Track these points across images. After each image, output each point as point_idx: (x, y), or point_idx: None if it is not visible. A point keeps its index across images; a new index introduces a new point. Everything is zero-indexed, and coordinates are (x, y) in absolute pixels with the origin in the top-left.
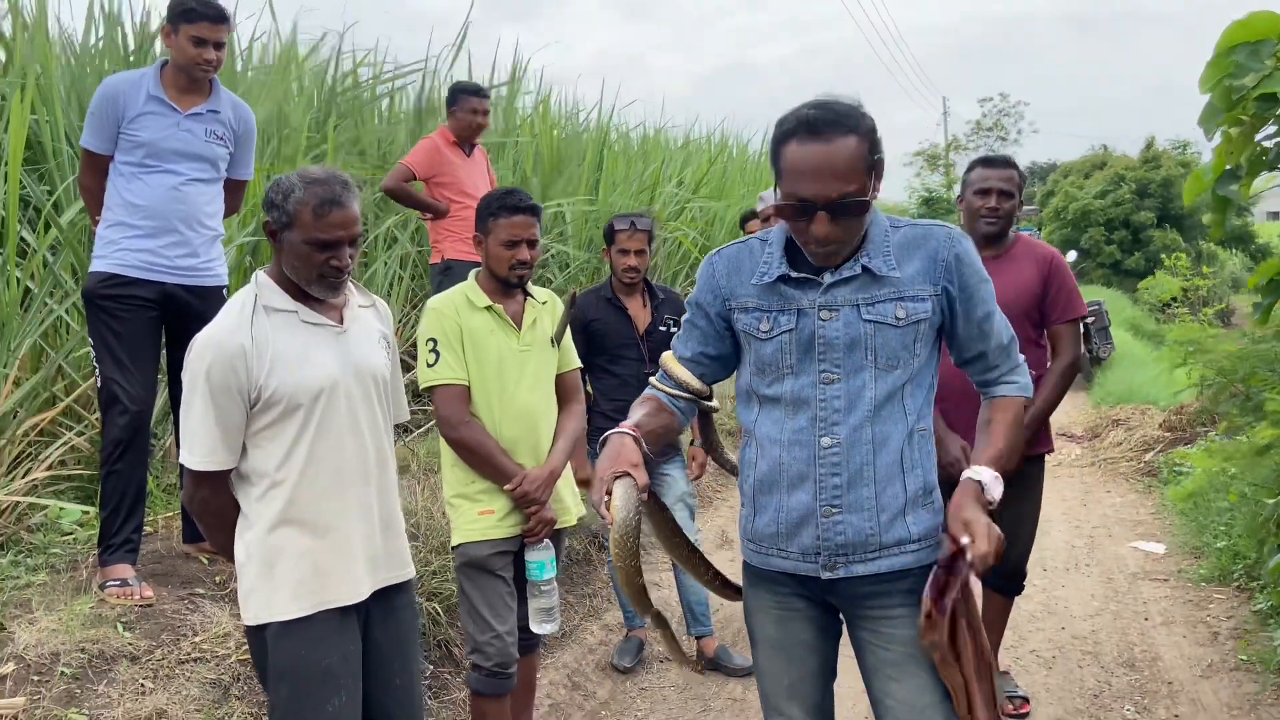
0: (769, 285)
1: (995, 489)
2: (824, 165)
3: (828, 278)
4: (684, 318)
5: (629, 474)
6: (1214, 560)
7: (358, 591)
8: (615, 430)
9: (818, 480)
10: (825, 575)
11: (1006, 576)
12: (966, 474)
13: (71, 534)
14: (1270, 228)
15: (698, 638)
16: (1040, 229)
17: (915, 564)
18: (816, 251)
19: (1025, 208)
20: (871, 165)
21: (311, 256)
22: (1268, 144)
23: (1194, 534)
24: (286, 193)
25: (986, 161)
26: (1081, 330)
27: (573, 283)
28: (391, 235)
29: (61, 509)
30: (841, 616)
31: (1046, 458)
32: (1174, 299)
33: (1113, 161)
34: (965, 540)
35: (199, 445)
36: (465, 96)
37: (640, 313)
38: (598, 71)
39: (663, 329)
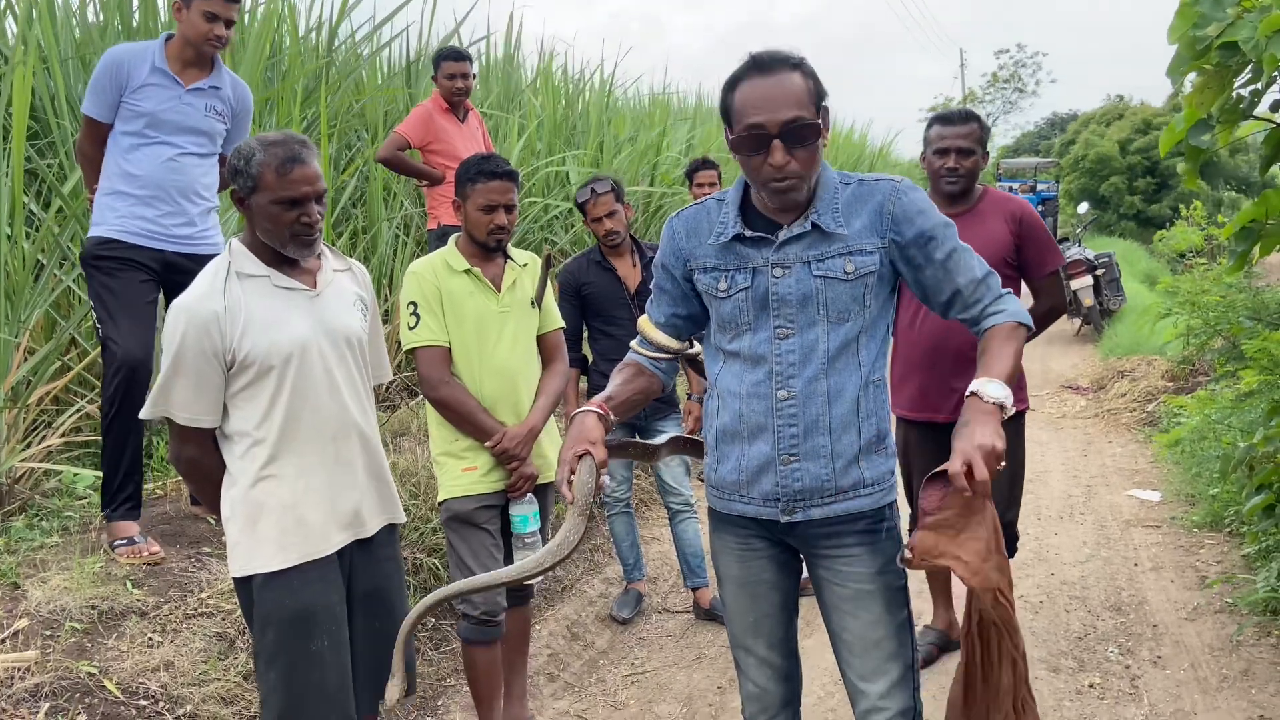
0: (725, 245)
1: (1007, 399)
2: (774, 93)
3: (780, 235)
4: (653, 282)
5: (589, 452)
6: (1206, 506)
7: (337, 542)
8: (580, 410)
9: (775, 431)
10: (784, 519)
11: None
12: (974, 386)
13: (85, 498)
14: None
15: (694, 589)
16: (1059, 180)
17: (870, 506)
18: (775, 187)
19: (1042, 160)
20: (818, 104)
21: (281, 216)
22: (1243, 92)
23: (1189, 481)
24: (248, 157)
25: (944, 119)
26: (1091, 282)
27: (578, 244)
28: (396, 200)
29: (75, 474)
30: (801, 557)
31: (1040, 414)
32: (1188, 250)
33: (1134, 111)
34: (953, 473)
35: (179, 405)
36: (441, 62)
37: (630, 273)
38: (615, 31)
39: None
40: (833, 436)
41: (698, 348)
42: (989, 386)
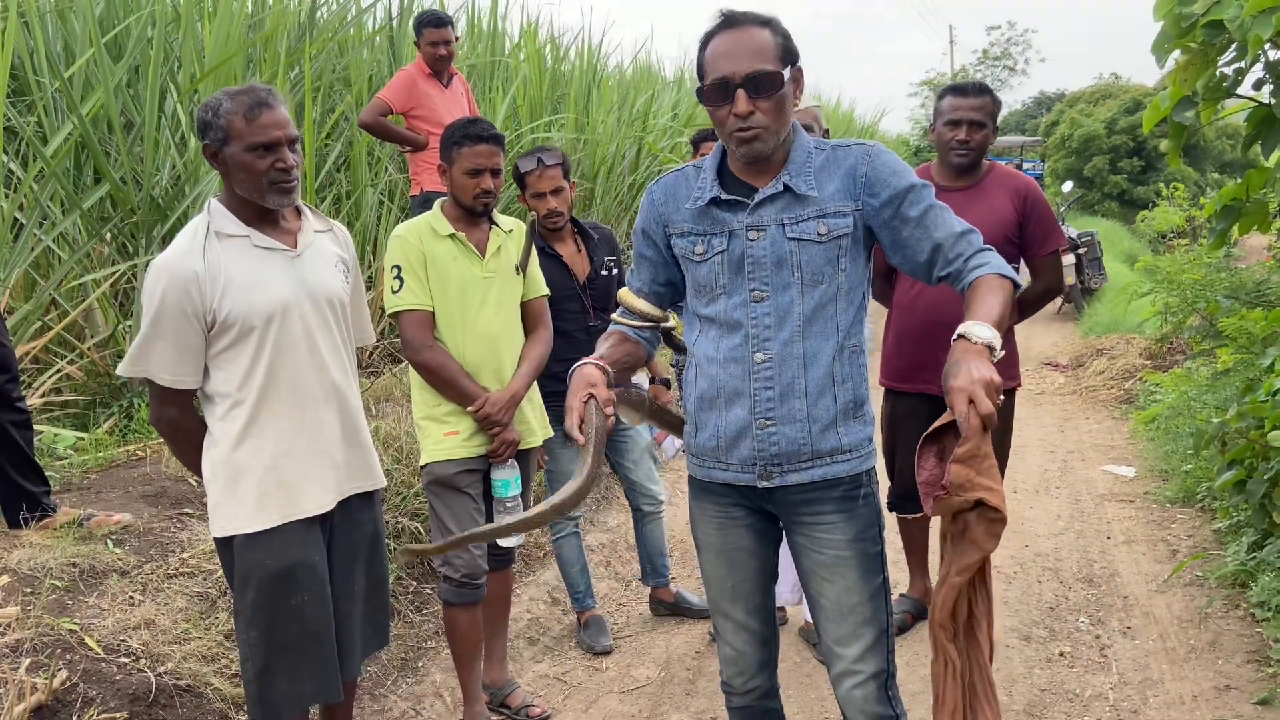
0: (702, 209)
1: (995, 340)
2: (740, 45)
3: (755, 198)
4: (634, 250)
5: (593, 395)
6: (1179, 482)
7: (319, 503)
8: (578, 364)
9: (752, 395)
10: (762, 484)
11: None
12: (962, 329)
13: (66, 458)
14: None
15: (654, 587)
16: (1044, 160)
17: (847, 472)
18: (740, 136)
19: (1028, 139)
20: (786, 60)
21: (255, 164)
22: (1227, 70)
23: (1163, 457)
24: (215, 109)
25: (958, 90)
26: (1074, 260)
27: None
28: (380, 165)
29: (56, 434)
30: (780, 523)
31: (1020, 390)
32: (1169, 230)
33: (1124, 90)
34: (960, 412)
35: (161, 367)
36: (423, 29)
37: (576, 259)
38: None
39: (604, 274)
40: (809, 400)
41: (674, 321)
42: (976, 328)
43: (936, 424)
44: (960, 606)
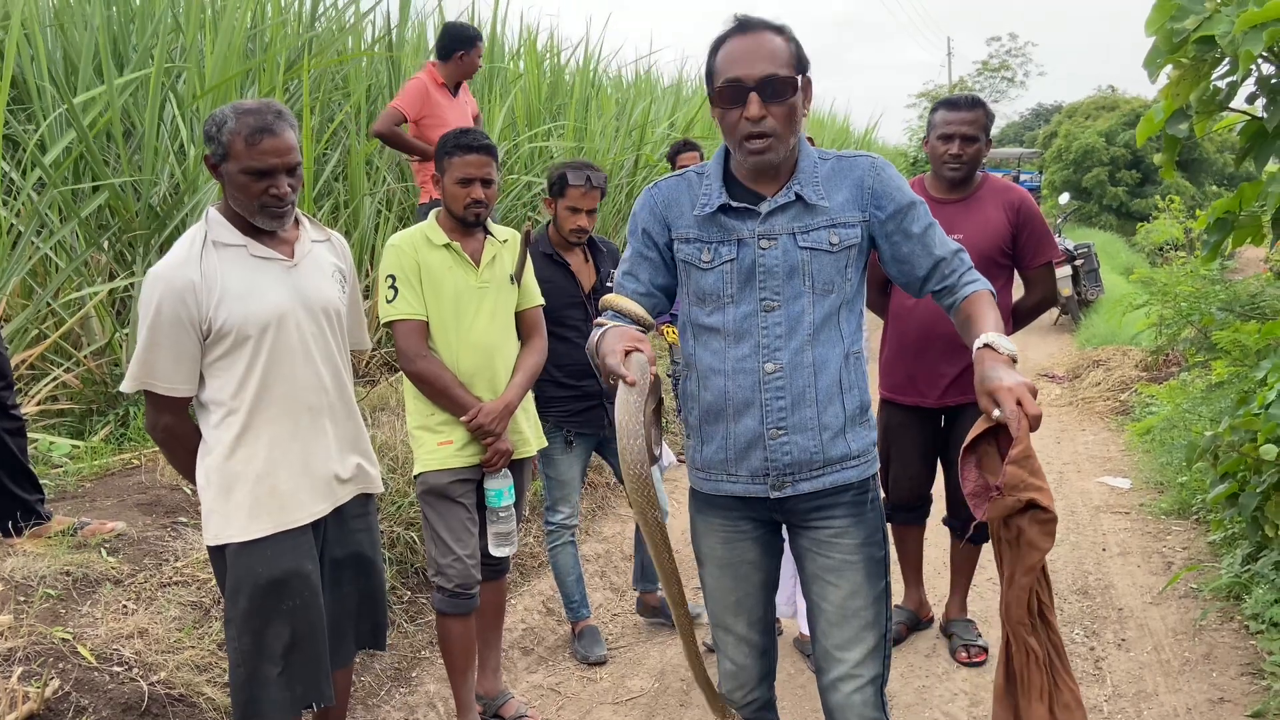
0: (709, 216)
1: (1015, 352)
2: (754, 49)
3: (765, 207)
4: (630, 251)
5: (639, 349)
6: (1174, 494)
7: (311, 512)
8: (604, 327)
9: (763, 405)
10: (774, 494)
11: (975, 525)
12: (981, 340)
13: (61, 466)
14: None
15: (643, 592)
16: (1041, 172)
17: (856, 478)
18: (751, 146)
19: (1026, 151)
20: (799, 67)
21: (249, 186)
22: (1219, 84)
23: (1158, 469)
24: (220, 124)
25: (950, 104)
26: (1070, 272)
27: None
28: (380, 175)
29: (52, 443)
30: (784, 531)
31: None
32: (1167, 243)
33: (1123, 102)
34: (999, 412)
35: (158, 376)
36: (476, 43)
37: (584, 269)
38: (601, 6)
39: (609, 285)
40: (819, 408)
41: (670, 335)
42: (1000, 340)
43: (973, 433)
44: (1031, 601)
